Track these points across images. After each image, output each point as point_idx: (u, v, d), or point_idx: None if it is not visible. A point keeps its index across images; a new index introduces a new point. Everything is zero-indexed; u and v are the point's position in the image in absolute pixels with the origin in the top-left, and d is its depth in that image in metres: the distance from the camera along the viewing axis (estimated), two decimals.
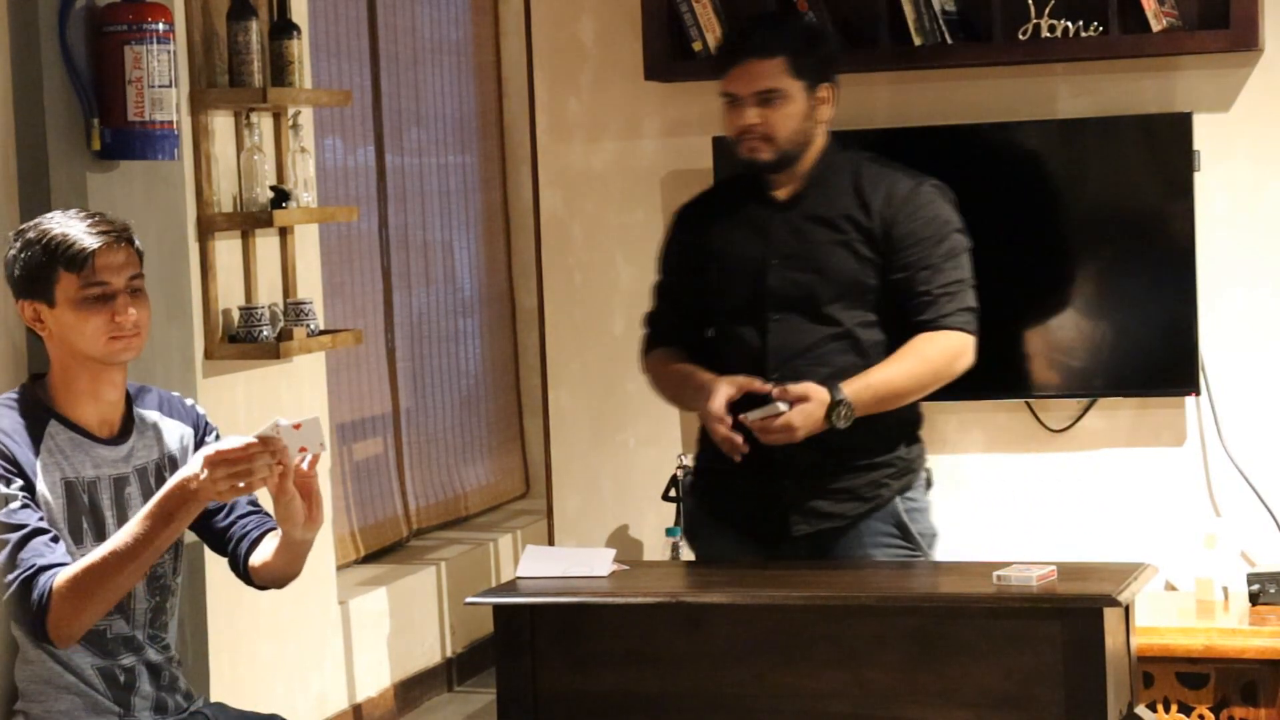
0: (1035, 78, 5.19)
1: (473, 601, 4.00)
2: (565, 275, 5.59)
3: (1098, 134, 5.08)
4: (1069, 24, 5.02)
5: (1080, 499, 5.22)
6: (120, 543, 3.31)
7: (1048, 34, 5.04)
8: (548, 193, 5.59)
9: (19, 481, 3.38)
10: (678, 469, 5.39)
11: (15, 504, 3.36)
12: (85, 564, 3.32)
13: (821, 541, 4.15)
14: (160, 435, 3.59)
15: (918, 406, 4.19)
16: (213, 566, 4.13)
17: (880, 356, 4.10)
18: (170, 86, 4.26)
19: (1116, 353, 5.10)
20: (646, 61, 5.32)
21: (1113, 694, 3.67)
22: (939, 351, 4.08)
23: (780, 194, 4.17)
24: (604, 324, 5.51)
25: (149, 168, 4.36)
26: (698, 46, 5.22)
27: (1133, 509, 5.19)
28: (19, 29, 4.09)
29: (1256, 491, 5.08)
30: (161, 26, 4.24)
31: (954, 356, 4.09)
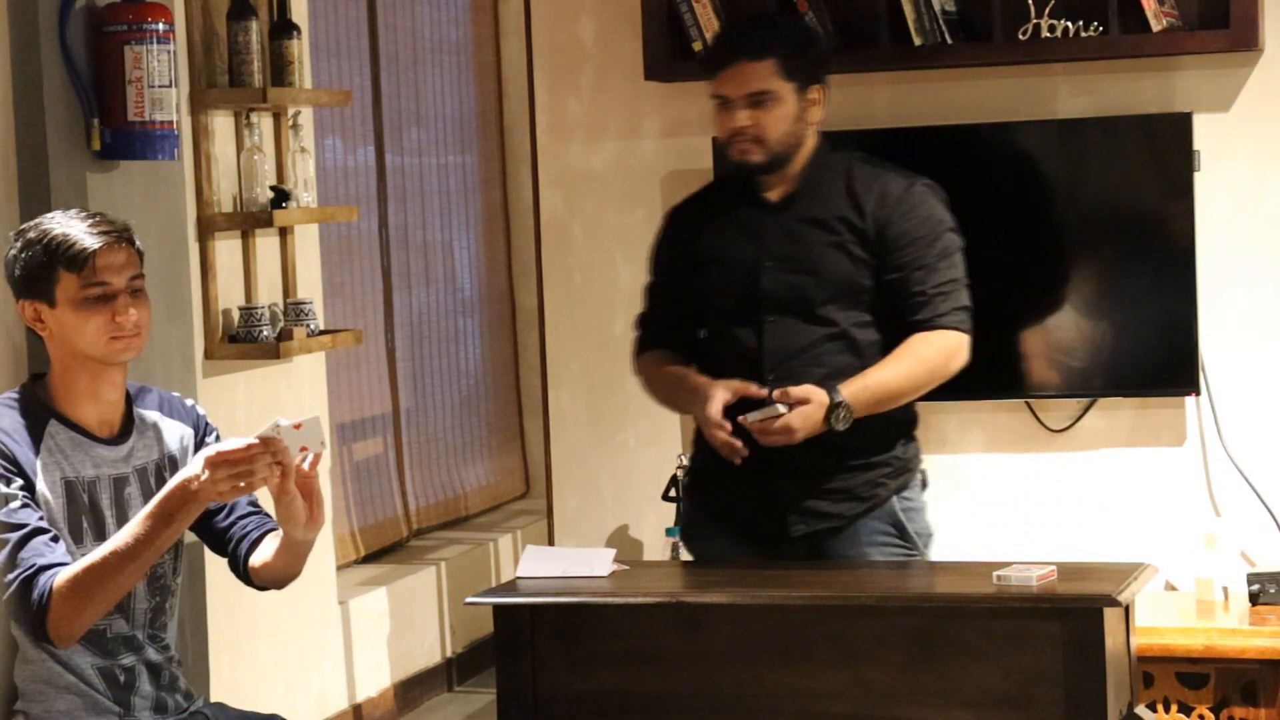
0: (1035, 78, 5.18)
1: (473, 601, 4.00)
2: (565, 275, 5.59)
3: (1098, 134, 5.08)
4: (1069, 24, 5.02)
5: (1080, 499, 5.22)
6: (121, 543, 3.31)
7: (1048, 34, 5.04)
8: (548, 193, 5.59)
9: (19, 481, 3.38)
10: (678, 469, 5.39)
11: (15, 503, 3.36)
12: (86, 564, 3.32)
13: (818, 541, 4.15)
14: (160, 435, 3.59)
15: (913, 406, 4.19)
16: (213, 566, 4.13)
17: (876, 356, 4.10)
18: (170, 86, 4.26)
19: (1116, 353, 5.10)
20: (646, 61, 5.32)
21: (1113, 694, 3.67)
22: (935, 351, 4.08)
23: (772, 195, 4.17)
24: (604, 324, 5.50)
25: (149, 168, 4.35)
26: (698, 46, 5.22)
27: (1133, 509, 5.19)
28: (19, 29, 4.08)
29: (1256, 491, 5.08)
30: (161, 26, 4.24)
31: (949, 356, 4.09)
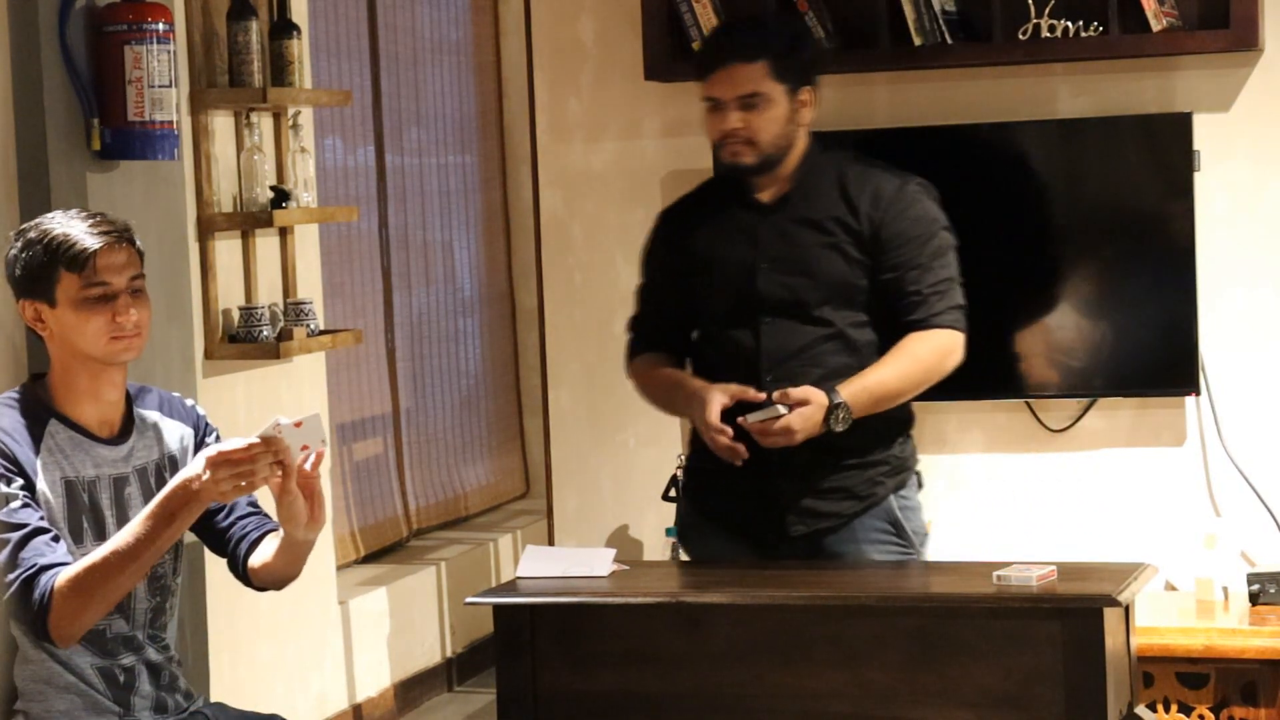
0: (1035, 78, 5.18)
1: (473, 601, 4.00)
2: (565, 275, 5.58)
3: (1098, 134, 5.08)
4: (1069, 24, 5.02)
5: (1080, 499, 5.22)
6: (122, 542, 3.31)
7: (1048, 34, 5.04)
8: (548, 193, 5.59)
9: (19, 481, 3.38)
10: (678, 469, 5.38)
11: (16, 503, 3.36)
12: (87, 563, 3.32)
13: (816, 539, 4.15)
14: (160, 435, 3.59)
15: (909, 405, 4.20)
16: (213, 567, 4.13)
17: (872, 355, 4.10)
18: (170, 86, 4.26)
19: (1116, 353, 5.10)
20: (646, 61, 5.32)
21: (1113, 694, 3.67)
22: (931, 351, 4.09)
23: (764, 196, 4.17)
24: (604, 324, 5.50)
25: (149, 168, 4.35)
26: (697, 46, 5.22)
27: (1133, 509, 5.19)
28: (19, 29, 4.08)
29: (1256, 491, 5.08)
30: (161, 26, 4.24)
31: (945, 355, 4.11)
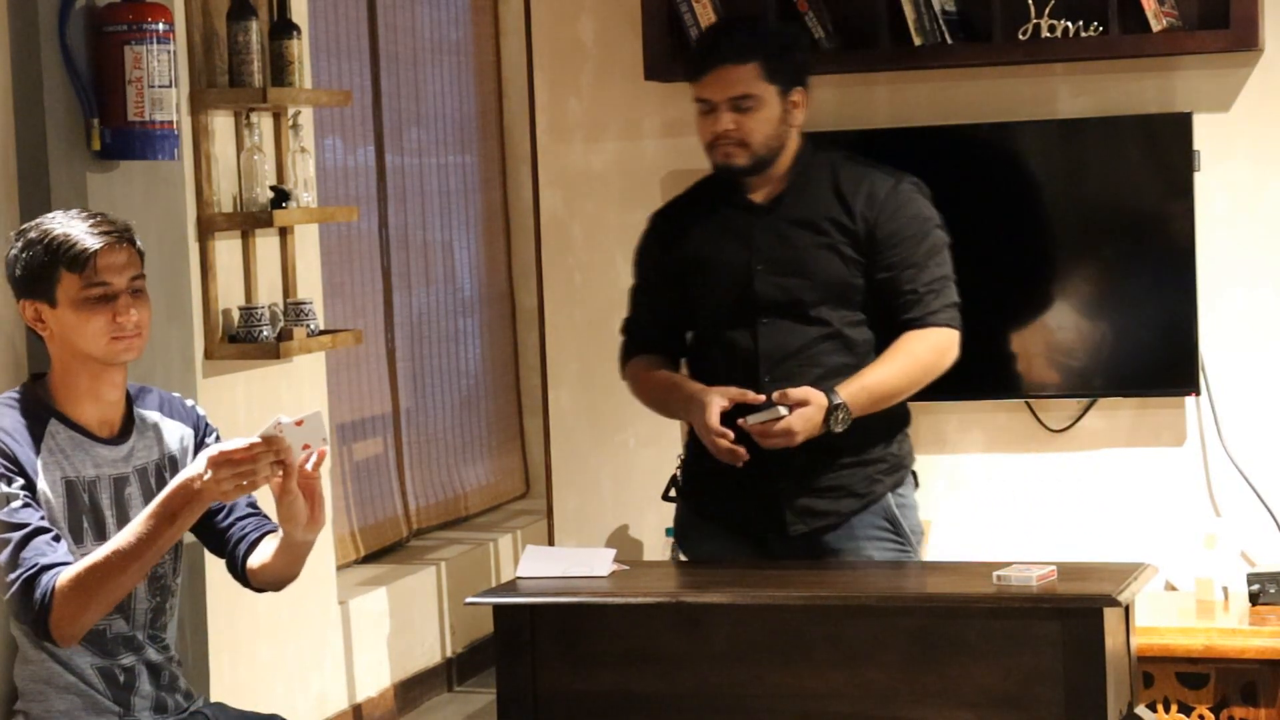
0: (1035, 78, 5.18)
1: (473, 601, 4.00)
2: (565, 275, 5.58)
3: (1098, 134, 5.08)
4: (1069, 24, 5.02)
5: (1080, 499, 5.22)
6: (123, 542, 3.31)
7: (1048, 34, 5.04)
8: (548, 193, 5.58)
9: (20, 480, 3.38)
10: (678, 469, 5.37)
11: (17, 503, 3.36)
12: (88, 563, 3.32)
13: (815, 537, 4.16)
14: (160, 436, 3.59)
15: (905, 404, 4.22)
16: (213, 567, 4.13)
17: (870, 354, 4.12)
18: (170, 86, 4.26)
19: (1116, 353, 5.10)
20: (646, 61, 5.32)
21: (1113, 694, 3.67)
22: (928, 349, 4.11)
23: (757, 197, 4.17)
24: (604, 324, 5.49)
25: (149, 168, 4.35)
26: None
27: (1133, 509, 5.19)
28: (19, 29, 4.08)
29: (1256, 491, 5.08)
30: (161, 26, 4.24)
31: (942, 353, 4.13)
